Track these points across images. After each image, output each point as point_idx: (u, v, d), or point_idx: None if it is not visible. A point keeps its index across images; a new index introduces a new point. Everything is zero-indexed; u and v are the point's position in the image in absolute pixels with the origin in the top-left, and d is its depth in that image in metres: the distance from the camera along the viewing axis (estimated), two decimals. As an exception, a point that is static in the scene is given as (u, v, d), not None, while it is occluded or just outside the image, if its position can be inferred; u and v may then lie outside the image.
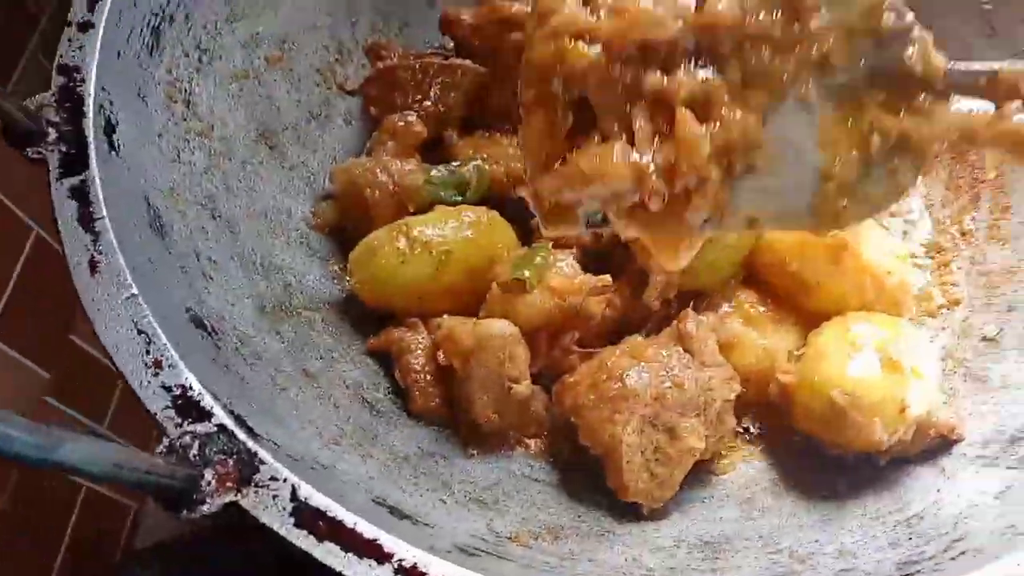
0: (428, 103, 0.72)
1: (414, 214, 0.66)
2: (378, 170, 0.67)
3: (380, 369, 0.64)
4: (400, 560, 0.39)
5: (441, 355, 0.61)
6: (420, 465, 0.55)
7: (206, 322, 0.51)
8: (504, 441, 0.61)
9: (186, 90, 0.61)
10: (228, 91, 0.66)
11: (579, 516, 0.55)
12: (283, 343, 0.57)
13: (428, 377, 0.62)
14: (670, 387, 0.54)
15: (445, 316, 0.63)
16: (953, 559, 0.44)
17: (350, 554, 0.39)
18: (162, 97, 0.59)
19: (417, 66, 0.71)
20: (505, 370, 0.59)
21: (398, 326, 0.64)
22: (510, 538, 0.50)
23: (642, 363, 0.55)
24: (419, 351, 0.63)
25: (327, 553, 0.39)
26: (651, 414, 0.53)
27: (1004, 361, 0.60)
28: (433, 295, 0.64)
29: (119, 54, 0.55)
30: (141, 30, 0.58)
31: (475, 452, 0.60)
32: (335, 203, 0.70)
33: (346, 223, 0.69)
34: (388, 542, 0.40)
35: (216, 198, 0.61)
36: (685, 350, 0.56)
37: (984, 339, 0.63)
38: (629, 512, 0.55)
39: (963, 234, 0.70)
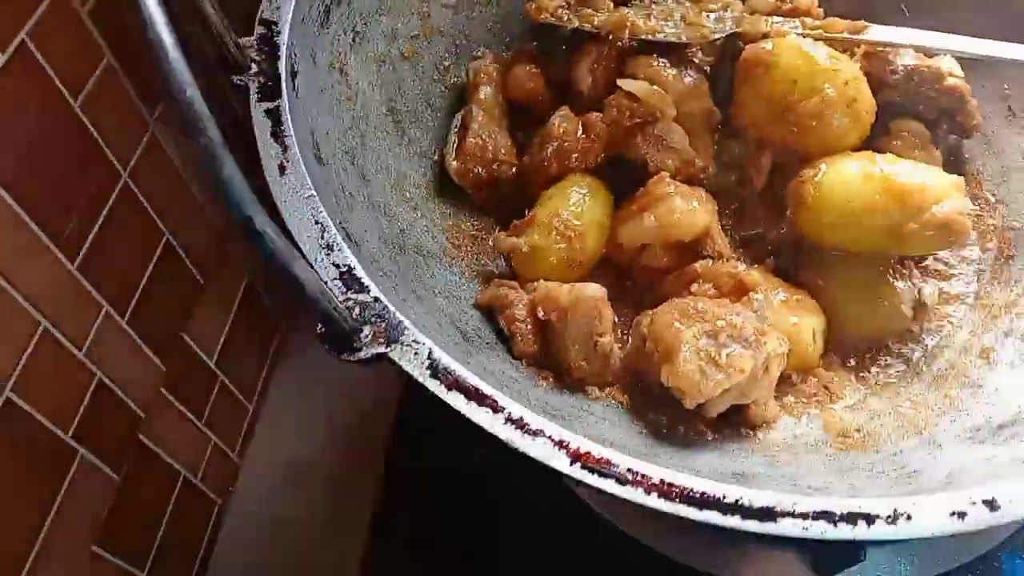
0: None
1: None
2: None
3: (466, 311, 0.75)
4: (509, 412, 0.50)
5: (540, 311, 0.72)
6: (503, 381, 0.65)
7: (353, 238, 0.62)
8: (583, 386, 0.72)
9: (342, 61, 0.74)
10: (370, 70, 0.78)
11: (629, 440, 0.65)
12: (399, 270, 0.68)
13: (528, 327, 0.73)
14: (731, 319, 0.65)
15: (540, 280, 0.74)
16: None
17: (472, 403, 0.50)
18: (326, 62, 0.72)
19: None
20: (594, 327, 0.71)
21: (500, 284, 0.76)
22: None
23: (713, 303, 0.68)
24: (520, 305, 0.74)
25: (455, 399, 0.50)
26: (711, 330, 0.65)
27: (996, 372, 0.71)
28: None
29: (302, 19, 0.68)
30: (318, 5, 0.71)
31: (543, 383, 0.70)
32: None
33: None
34: (500, 399, 0.50)
35: (355, 151, 0.73)
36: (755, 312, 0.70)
37: (981, 354, 0.74)
38: (673, 444, 0.66)
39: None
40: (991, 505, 0.49)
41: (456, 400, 0.50)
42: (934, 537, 0.47)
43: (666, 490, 0.47)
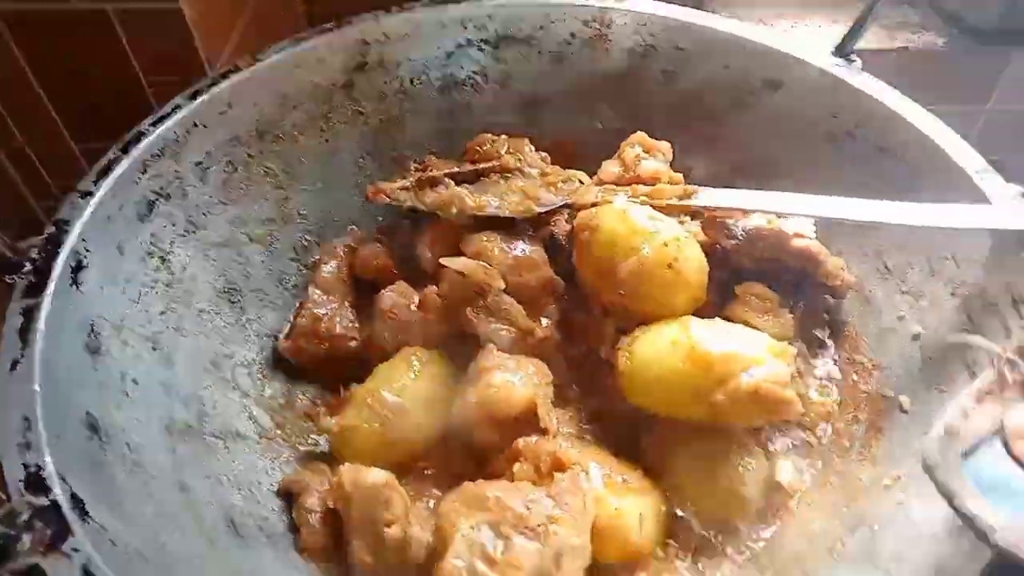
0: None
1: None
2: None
3: (259, 499, 0.71)
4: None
5: (330, 499, 0.68)
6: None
7: (100, 428, 0.61)
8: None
9: (165, 250, 0.76)
10: (206, 255, 0.80)
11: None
12: (173, 459, 0.66)
13: (319, 516, 0.69)
14: (515, 506, 0.60)
15: (346, 464, 0.71)
16: None
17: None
18: (140, 253, 0.74)
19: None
20: (379, 516, 0.66)
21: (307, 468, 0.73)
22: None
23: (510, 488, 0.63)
24: (316, 493, 0.70)
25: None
26: (493, 519, 0.59)
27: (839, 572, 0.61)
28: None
29: (108, 217, 0.71)
30: (136, 202, 0.74)
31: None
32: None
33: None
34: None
35: (162, 335, 0.73)
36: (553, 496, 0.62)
37: (829, 548, 0.64)
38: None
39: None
40: None
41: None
42: None
43: None
